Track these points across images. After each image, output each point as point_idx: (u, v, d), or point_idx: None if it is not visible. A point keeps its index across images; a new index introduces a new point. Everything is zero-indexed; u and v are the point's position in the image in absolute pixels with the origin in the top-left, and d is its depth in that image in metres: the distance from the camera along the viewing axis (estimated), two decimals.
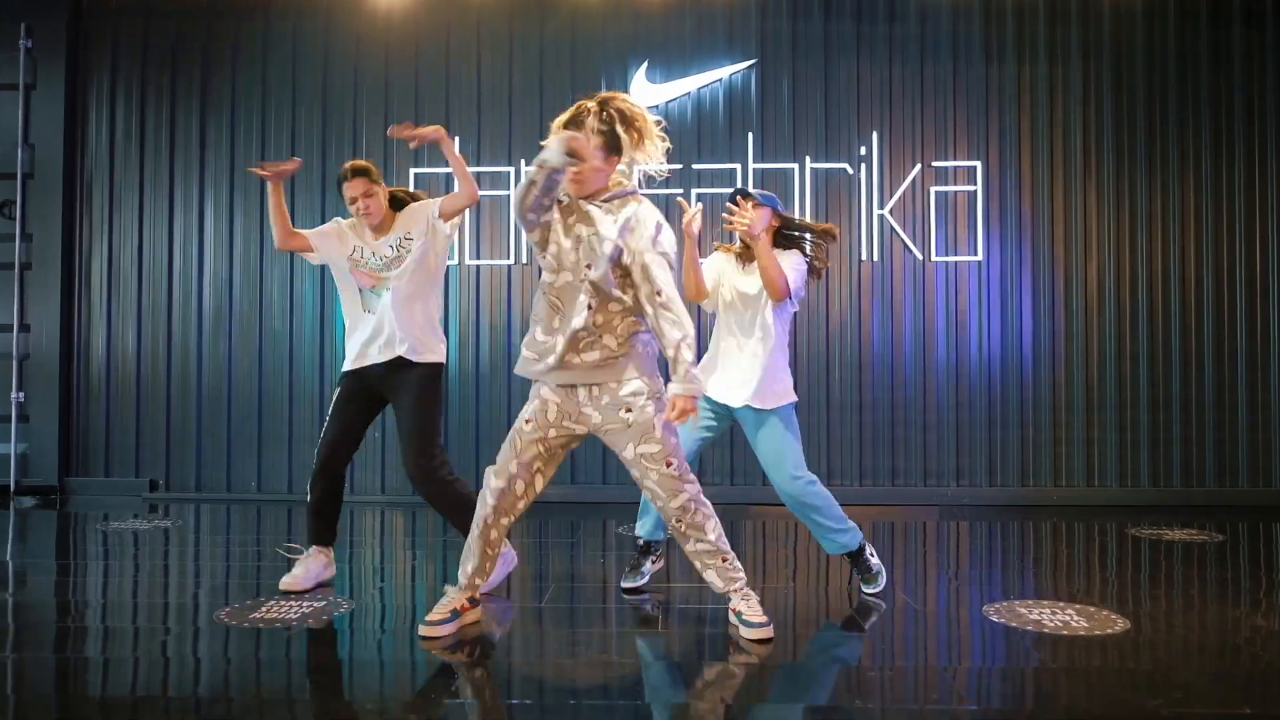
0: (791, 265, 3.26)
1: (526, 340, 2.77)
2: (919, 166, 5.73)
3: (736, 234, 3.32)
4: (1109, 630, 2.93)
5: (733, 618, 2.86)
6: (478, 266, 5.87)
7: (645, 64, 5.83)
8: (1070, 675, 2.55)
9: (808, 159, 5.76)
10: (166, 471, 5.98)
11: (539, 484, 2.83)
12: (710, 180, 5.81)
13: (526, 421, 2.76)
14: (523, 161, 5.83)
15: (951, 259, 5.73)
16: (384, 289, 3.40)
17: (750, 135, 5.79)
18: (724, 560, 2.83)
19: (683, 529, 2.78)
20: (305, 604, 3.24)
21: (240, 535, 4.69)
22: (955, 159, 5.75)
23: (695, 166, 5.81)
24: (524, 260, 5.83)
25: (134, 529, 4.76)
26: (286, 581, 3.39)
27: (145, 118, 6.02)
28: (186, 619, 3.13)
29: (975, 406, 5.71)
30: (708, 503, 2.82)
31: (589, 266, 2.64)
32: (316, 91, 5.95)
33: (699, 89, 5.84)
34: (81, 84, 6.06)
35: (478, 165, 5.85)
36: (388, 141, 5.92)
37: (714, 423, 3.33)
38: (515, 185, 5.77)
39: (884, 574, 3.40)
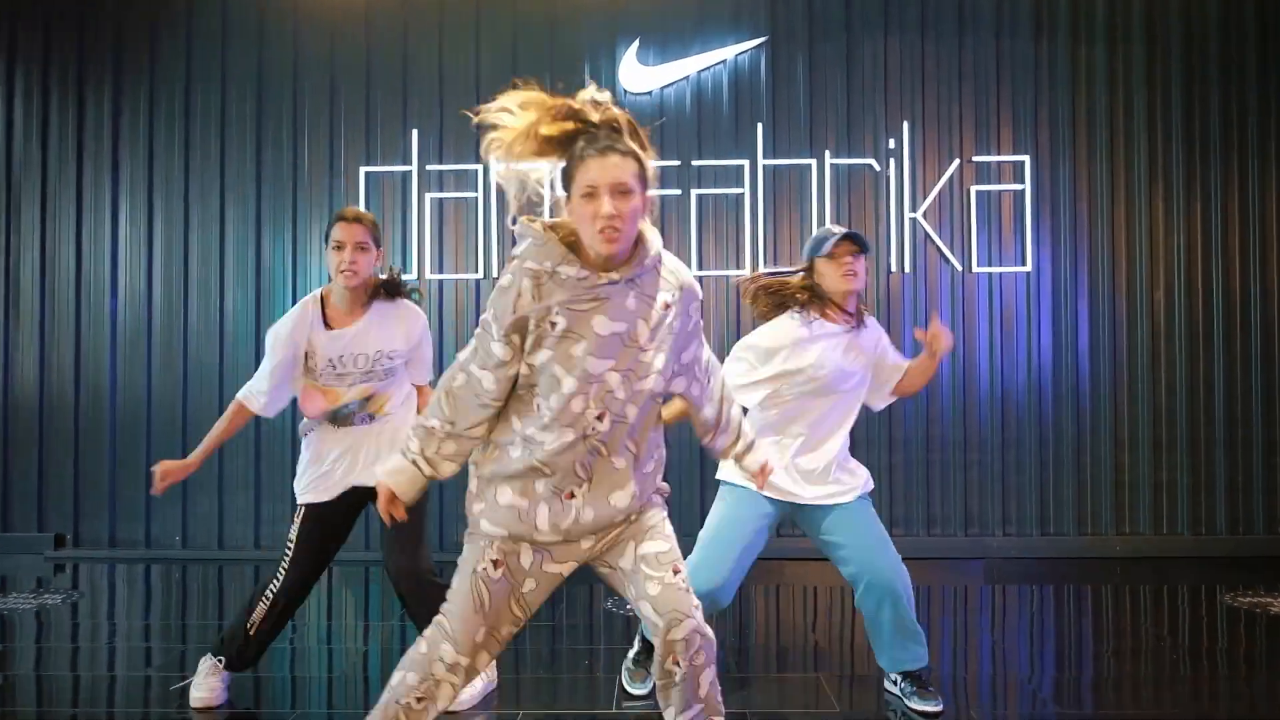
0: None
1: (480, 498, 1.86)
2: (957, 162, 4.94)
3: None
4: None
5: None
6: (440, 281, 5.01)
7: (636, 43, 5.00)
8: None
9: (827, 154, 4.95)
10: (75, 524, 5.09)
11: (503, 646, 1.89)
12: (713, 179, 4.97)
13: (495, 564, 1.82)
14: (493, 159, 4.97)
15: (996, 270, 4.94)
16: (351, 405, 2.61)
17: (760, 126, 4.97)
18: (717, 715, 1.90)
19: (681, 670, 1.79)
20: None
21: (162, 605, 3.82)
22: (1000, 153, 4.96)
23: (695, 164, 4.98)
24: (494, 274, 4.96)
25: (35, 606, 3.86)
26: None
27: (48, 113, 5.14)
28: None
29: (1024, 444, 4.90)
30: (712, 637, 1.86)
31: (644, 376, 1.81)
32: (250, 73, 5.08)
33: (700, 72, 5.01)
34: None
35: (439, 163, 5.00)
36: (334, 131, 5.08)
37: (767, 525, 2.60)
38: (483, 187, 4.95)
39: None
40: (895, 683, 2.65)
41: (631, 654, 2.78)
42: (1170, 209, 4.94)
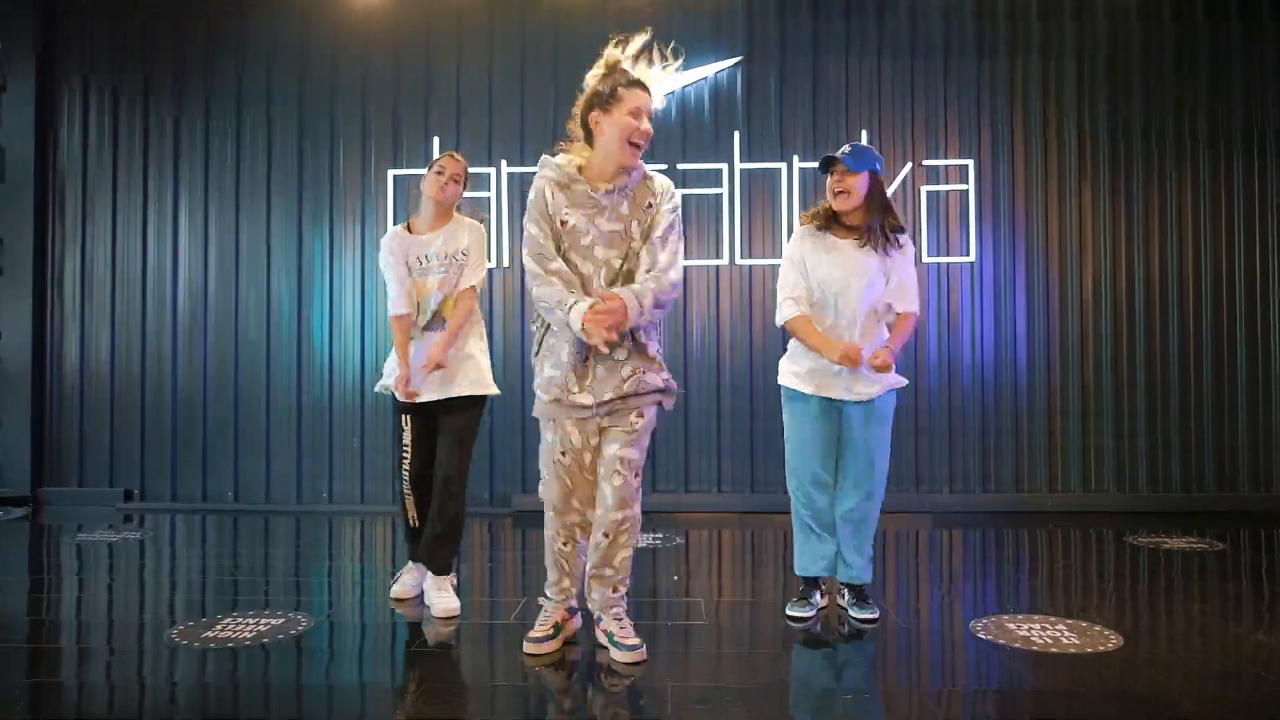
0: (910, 282, 3.10)
1: (541, 368, 2.68)
2: (909, 165, 5.59)
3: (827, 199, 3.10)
4: (1101, 648, 2.79)
5: (603, 638, 2.73)
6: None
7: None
8: (1056, 698, 2.40)
9: (795, 158, 5.62)
10: (141, 481, 5.84)
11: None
12: (696, 181, 5.67)
13: (562, 453, 2.64)
14: (504, 162, 5.70)
15: (943, 260, 5.59)
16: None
17: (736, 134, 5.65)
18: (619, 586, 2.72)
19: (610, 539, 2.64)
20: (263, 621, 3.09)
21: (216, 548, 4.55)
22: (947, 157, 5.60)
23: (680, 167, 5.67)
24: (504, 263, 5.68)
25: (107, 540, 4.62)
26: (396, 590, 3.42)
27: (119, 119, 5.89)
28: (149, 638, 2.98)
29: (968, 411, 5.56)
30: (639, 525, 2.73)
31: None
32: (292, 91, 5.82)
33: (684, 87, 5.70)
34: (53, 85, 5.93)
35: None
36: (365, 141, 5.79)
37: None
38: (494, 186, 5.65)
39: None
40: (842, 594, 3.20)
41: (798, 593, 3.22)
42: (1098, 206, 5.58)
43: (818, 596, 3.20)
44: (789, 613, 3.13)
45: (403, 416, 3.33)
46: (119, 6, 5.87)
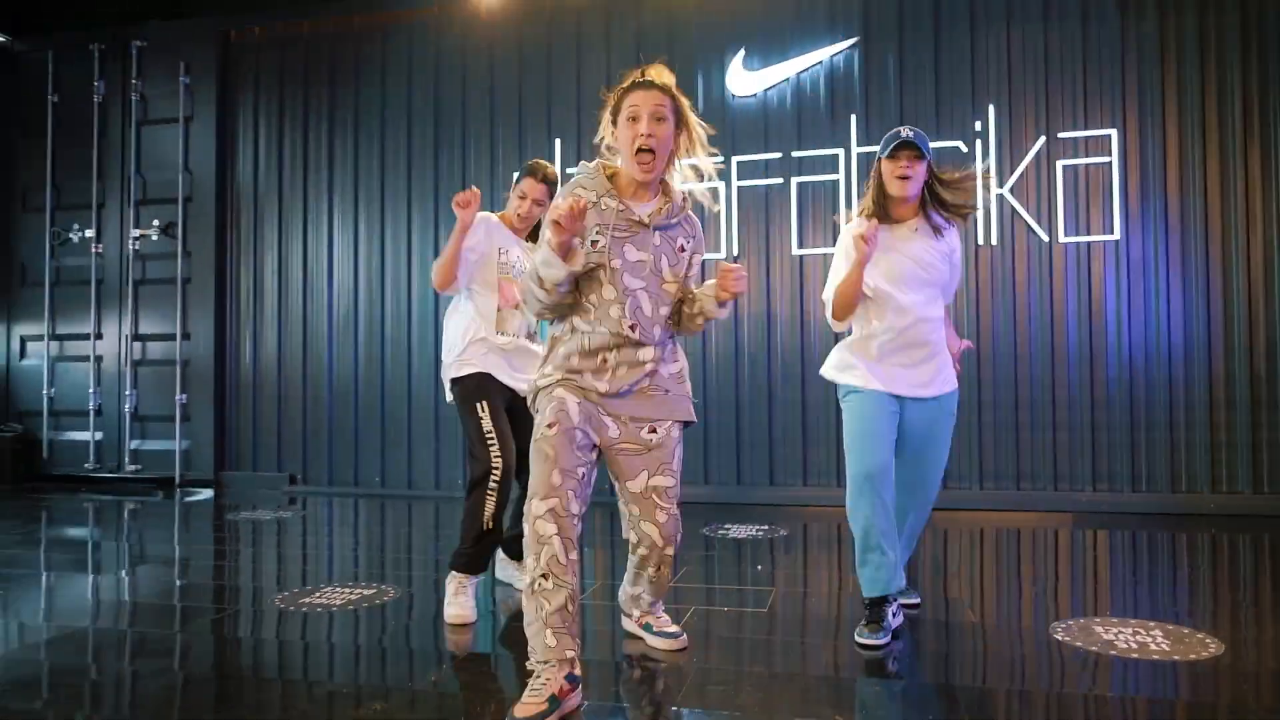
0: (959, 267, 2.95)
1: (546, 369, 2.35)
2: (1043, 139, 5.22)
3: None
4: (1192, 656, 2.51)
5: (636, 629, 2.67)
6: None
7: (742, 51, 5.66)
8: (1116, 705, 2.20)
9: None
10: (304, 467, 6.42)
11: (586, 494, 2.26)
12: (811, 168, 5.55)
13: (549, 425, 2.21)
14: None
15: (1083, 239, 5.17)
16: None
17: (854, 118, 5.49)
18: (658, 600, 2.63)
19: (659, 571, 2.46)
20: (355, 592, 3.35)
21: (367, 527, 4.95)
22: (1086, 128, 5.18)
23: (795, 155, 5.57)
24: None
25: (272, 517, 5.14)
26: (455, 615, 2.98)
27: (282, 142, 6.52)
28: (265, 601, 3.32)
29: (1114, 403, 5.11)
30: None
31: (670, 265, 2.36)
32: (428, 103, 6.22)
33: (798, 74, 5.60)
34: (229, 113, 6.64)
35: (576, 165, 5.89)
36: (493, 145, 6.09)
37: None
38: None
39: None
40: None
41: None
42: (1267, 174, 4.97)
43: (890, 617, 2.76)
44: (860, 640, 2.67)
45: (478, 403, 2.99)
46: (283, 38, 6.50)
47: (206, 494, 6.21)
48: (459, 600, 2.96)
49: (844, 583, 3.52)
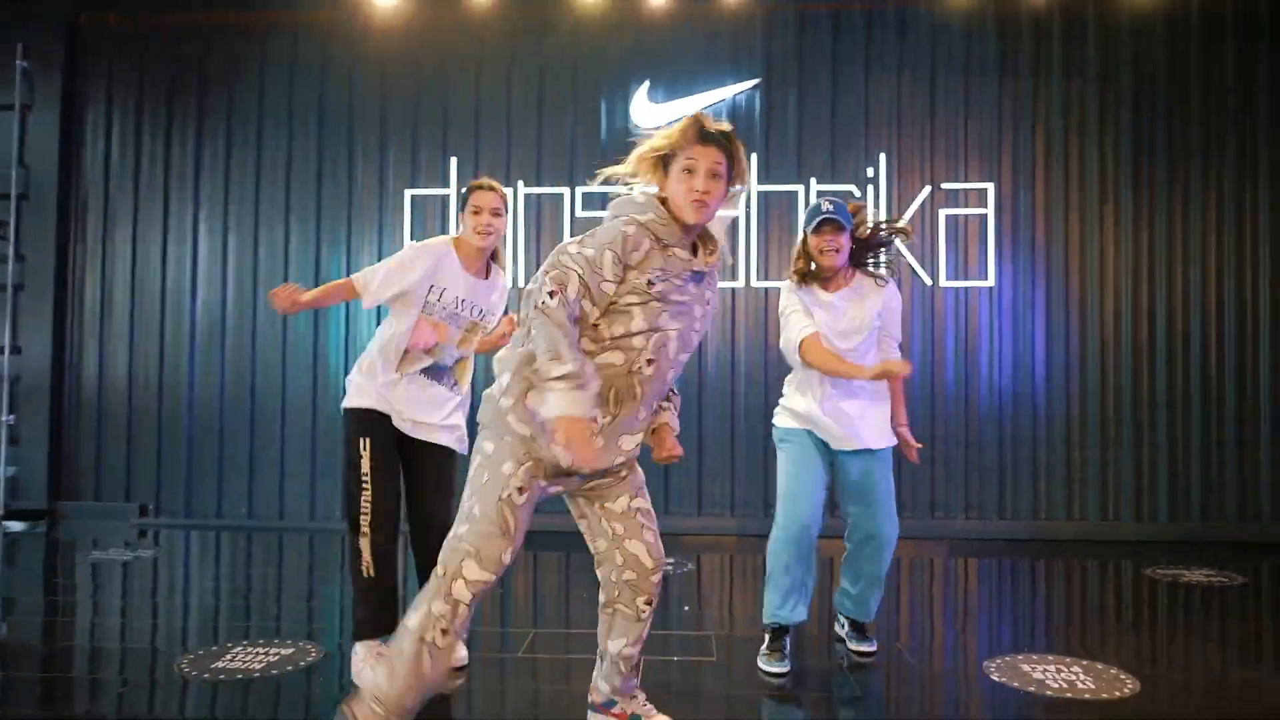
0: (898, 311, 3.06)
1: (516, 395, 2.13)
2: (929, 189, 5.55)
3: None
4: (1117, 693, 2.73)
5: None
6: None
7: (647, 83, 5.69)
8: None
9: (813, 180, 5.60)
10: (157, 496, 5.88)
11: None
12: None
13: (520, 491, 2.09)
14: (521, 183, 5.70)
15: (962, 284, 5.54)
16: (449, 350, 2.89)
17: (755, 156, 5.63)
18: (638, 667, 2.36)
19: (647, 613, 2.26)
20: (273, 652, 3.09)
21: (229, 568, 4.57)
22: (967, 181, 5.56)
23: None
24: (520, 282, 5.68)
25: (121, 559, 4.64)
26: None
27: (140, 139, 5.95)
28: (160, 668, 2.99)
29: (985, 438, 5.50)
30: None
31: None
32: (311, 112, 5.86)
33: (702, 109, 5.68)
34: (77, 105, 6.00)
35: None
36: (383, 161, 5.82)
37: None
38: (512, 210, 5.65)
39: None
40: (842, 626, 3.18)
41: (764, 647, 2.98)
42: (1120, 233, 5.51)
43: (788, 646, 2.96)
44: (764, 668, 2.90)
45: (361, 440, 2.78)
46: (144, 28, 5.94)
47: (38, 526, 5.55)
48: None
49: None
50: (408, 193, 5.76)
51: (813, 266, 3.01)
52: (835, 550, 3.25)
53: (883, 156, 5.58)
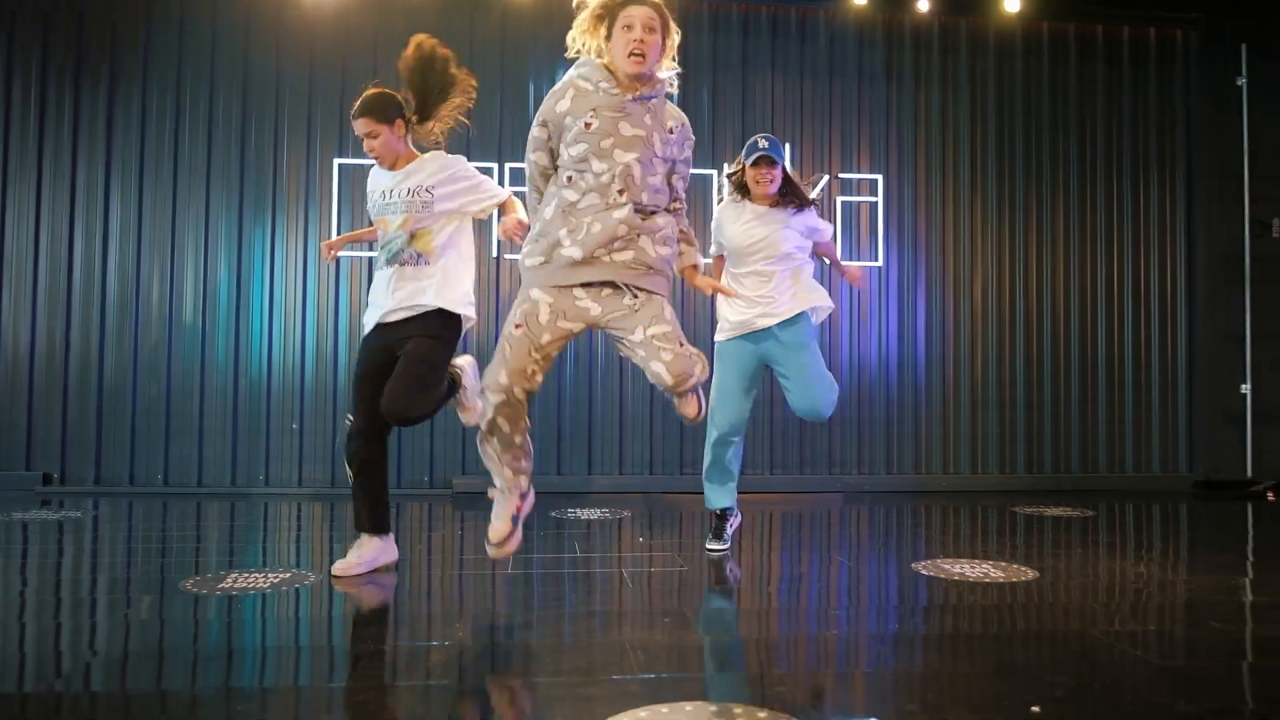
0: (826, 227, 3.94)
1: (530, 240, 2.64)
2: (827, 177, 6.16)
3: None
4: (1023, 579, 3.32)
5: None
6: None
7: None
8: (1002, 610, 2.90)
9: (725, 165, 6.08)
10: (62, 464, 5.69)
11: (536, 381, 2.60)
12: None
13: (516, 326, 2.55)
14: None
15: (856, 264, 6.16)
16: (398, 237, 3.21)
17: None
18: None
19: (682, 400, 2.66)
20: (273, 575, 3.24)
21: (144, 527, 4.56)
22: (860, 171, 6.21)
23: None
24: None
25: (60, 518, 4.54)
26: (339, 566, 3.24)
27: (45, 96, 5.74)
28: (158, 589, 3.08)
29: (875, 401, 6.16)
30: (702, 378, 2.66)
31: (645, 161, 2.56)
32: (236, 80, 5.84)
33: None
34: None
35: None
36: (310, 131, 5.88)
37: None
38: None
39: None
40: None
41: (710, 531, 3.86)
42: (986, 222, 6.32)
43: (729, 530, 3.83)
44: (709, 547, 3.79)
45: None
46: None
47: None
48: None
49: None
50: (336, 160, 5.84)
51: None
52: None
53: (788, 146, 6.15)
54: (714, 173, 6.09)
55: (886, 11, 6.25)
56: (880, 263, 6.20)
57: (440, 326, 3.16)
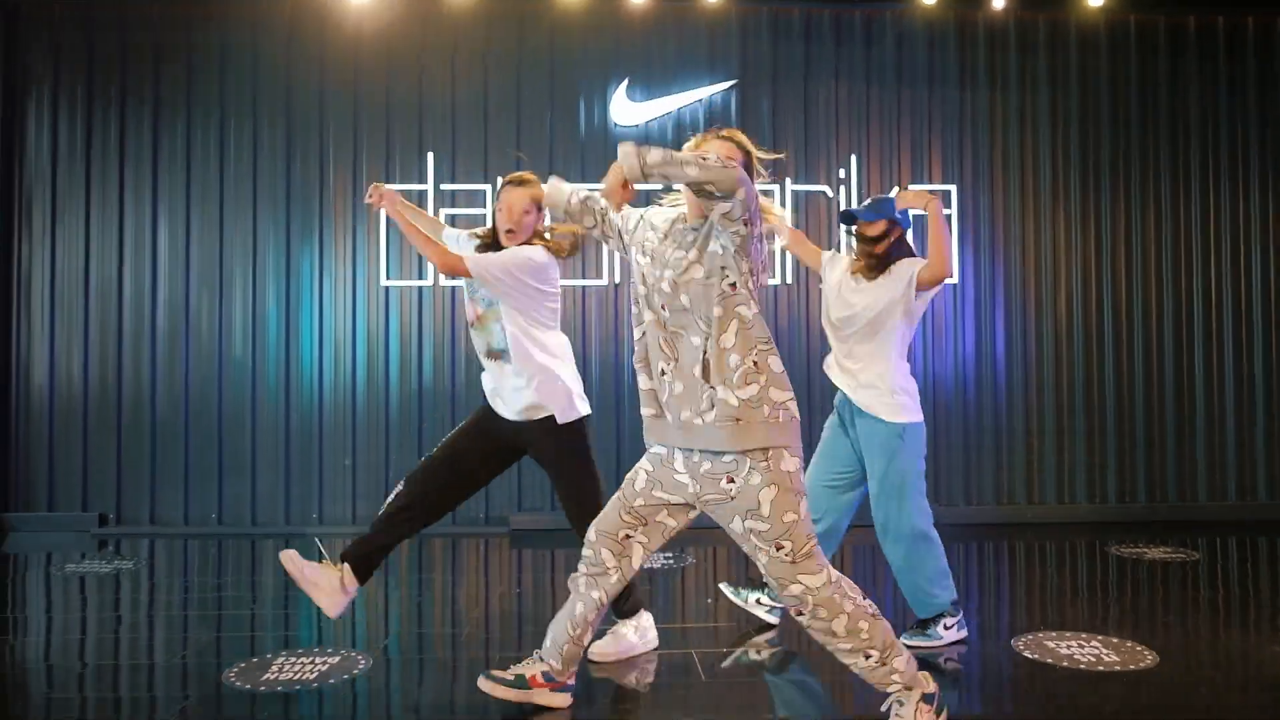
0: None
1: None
2: (896, 189, 5.79)
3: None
4: (1142, 664, 2.98)
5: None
6: (451, 288, 5.68)
7: (626, 81, 5.74)
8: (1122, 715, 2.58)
9: (788, 180, 5.76)
10: (118, 504, 5.61)
11: (635, 557, 2.46)
12: None
13: (630, 482, 2.46)
14: (499, 179, 5.66)
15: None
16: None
17: None
18: (868, 658, 2.30)
19: (804, 622, 2.31)
20: (319, 661, 3.05)
21: (199, 577, 4.42)
22: (931, 182, 5.83)
23: (676, 187, 5.72)
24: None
25: (113, 569, 4.44)
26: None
27: (92, 128, 5.64)
28: (176, 681, 2.91)
29: (952, 429, 5.79)
30: (841, 592, 2.29)
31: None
32: (279, 104, 5.67)
33: (680, 109, 5.78)
34: (19, 91, 5.64)
35: (452, 182, 5.68)
36: (356, 155, 5.69)
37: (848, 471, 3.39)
38: (489, 204, 5.62)
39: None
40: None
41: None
42: (1070, 234, 5.88)
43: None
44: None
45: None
46: (93, 16, 5.62)
47: None
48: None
49: None
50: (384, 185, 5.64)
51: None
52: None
53: (853, 158, 5.79)
54: (775, 188, 5.76)
55: (958, 9, 5.84)
56: (955, 279, 5.81)
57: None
